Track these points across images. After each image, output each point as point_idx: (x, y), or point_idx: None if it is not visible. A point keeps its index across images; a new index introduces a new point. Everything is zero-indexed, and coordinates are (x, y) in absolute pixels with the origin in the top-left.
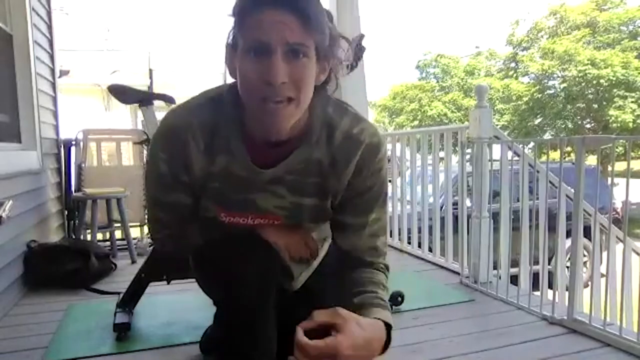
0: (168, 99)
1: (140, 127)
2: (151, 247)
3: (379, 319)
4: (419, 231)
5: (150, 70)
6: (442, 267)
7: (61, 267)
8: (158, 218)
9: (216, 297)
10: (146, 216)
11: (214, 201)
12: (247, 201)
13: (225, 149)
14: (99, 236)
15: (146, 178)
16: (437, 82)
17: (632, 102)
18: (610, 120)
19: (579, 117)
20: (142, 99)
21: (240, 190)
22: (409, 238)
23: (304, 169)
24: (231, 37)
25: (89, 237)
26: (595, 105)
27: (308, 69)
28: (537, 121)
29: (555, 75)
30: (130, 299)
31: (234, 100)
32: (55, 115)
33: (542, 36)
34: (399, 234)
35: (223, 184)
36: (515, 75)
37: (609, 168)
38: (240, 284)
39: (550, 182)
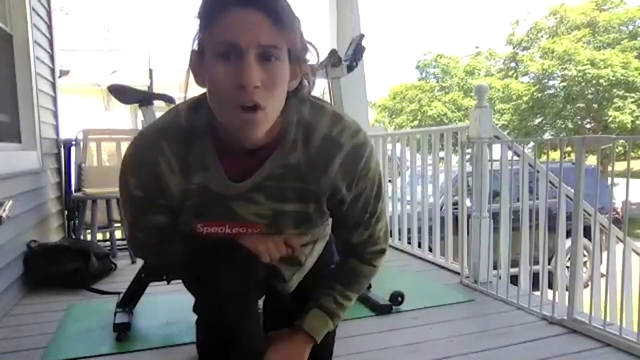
0: (168, 99)
1: (140, 127)
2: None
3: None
4: (419, 231)
5: (150, 70)
6: (442, 267)
7: (61, 267)
8: (137, 238)
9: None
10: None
11: (192, 215)
12: (226, 210)
13: (201, 166)
14: (99, 236)
15: (121, 201)
16: (437, 82)
17: (631, 102)
18: (609, 120)
19: (579, 117)
20: (142, 99)
21: (219, 202)
22: (409, 238)
23: (282, 175)
24: (196, 43)
25: (89, 237)
26: (595, 105)
27: (281, 72)
28: (537, 121)
29: (555, 75)
30: (130, 299)
31: (204, 112)
32: (55, 115)
33: (542, 36)
34: (399, 234)
35: (201, 199)
36: (515, 75)
37: (609, 168)
38: (216, 296)
39: (550, 182)
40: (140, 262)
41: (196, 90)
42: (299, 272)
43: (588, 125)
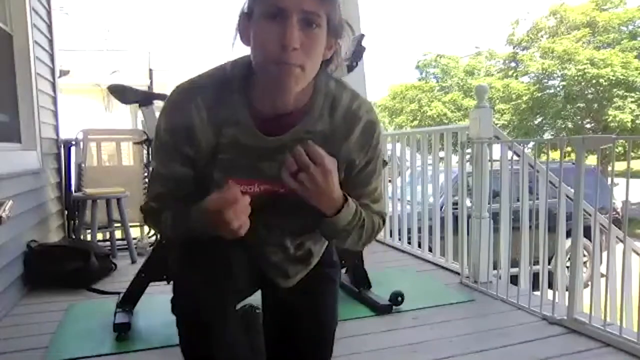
0: None
1: (140, 127)
2: (151, 247)
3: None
4: (419, 231)
5: (150, 70)
6: (442, 267)
7: (61, 267)
8: (157, 193)
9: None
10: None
11: (224, 173)
12: (255, 169)
13: (232, 120)
14: (99, 236)
15: (152, 146)
16: (437, 82)
17: (631, 102)
18: (609, 120)
19: (579, 117)
20: (142, 99)
21: (249, 159)
22: (409, 238)
23: (307, 139)
24: (246, 5)
25: (89, 237)
26: (595, 105)
27: (319, 39)
28: (537, 121)
29: (555, 75)
30: (130, 299)
31: (241, 72)
32: (55, 115)
33: (542, 36)
34: (399, 234)
35: (232, 154)
36: (515, 75)
37: (609, 168)
38: (191, 298)
39: (550, 182)
40: (140, 262)
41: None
42: (303, 270)
43: (588, 125)
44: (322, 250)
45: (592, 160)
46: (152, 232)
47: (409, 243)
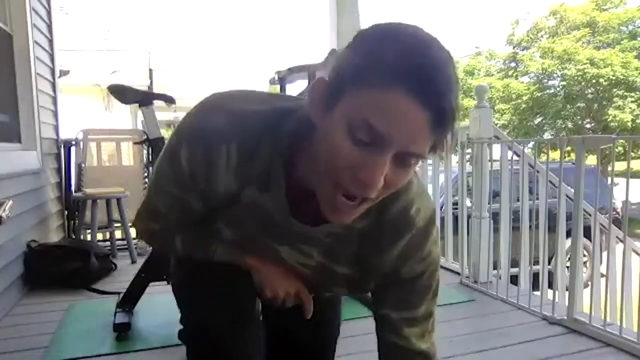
0: (168, 99)
1: (140, 127)
2: (151, 247)
3: None
4: None
5: (150, 70)
6: (442, 267)
7: (61, 267)
8: (155, 209)
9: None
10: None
11: (231, 230)
12: (270, 249)
13: (261, 181)
14: (99, 236)
15: (159, 162)
16: None
17: (631, 102)
18: (609, 119)
19: (579, 117)
20: (142, 99)
21: (266, 233)
22: None
23: (343, 235)
24: (336, 77)
25: (89, 237)
26: (595, 105)
27: (410, 174)
28: (537, 121)
29: (555, 75)
30: (130, 299)
31: (294, 129)
32: (55, 115)
33: (542, 36)
34: None
35: (247, 218)
36: (515, 74)
37: (609, 168)
38: (203, 333)
39: (550, 182)
40: (140, 262)
41: (195, 91)
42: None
43: (588, 125)
44: None
45: (592, 160)
46: None
47: None
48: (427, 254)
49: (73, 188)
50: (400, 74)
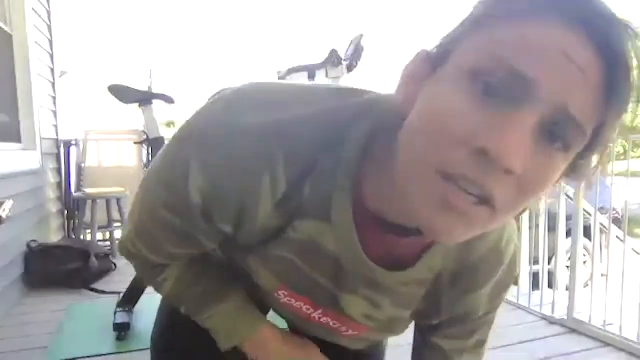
0: (168, 99)
1: (140, 127)
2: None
3: None
4: None
5: (150, 70)
6: None
7: (61, 267)
8: (151, 235)
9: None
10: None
11: (276, 277)
12: (328, 297)
13: (318, 212)
14: (99, 236)
15: (153, 186)
16: None
17: (631, 101)
18: None
19: None
20: (142, 99)
21: (323, 279)
22: None
23: (425, 281)
24: (439, 42)
25: (89, 237)
26: None
27: (557, 171)
28: None
29: None
30: (130, 299)
31: (361, 136)
32: (55, 115)
33: None
34: None
35: (300, 260)
36: None
37: (609, 168)
38: None
39: None
40: None
41: (195, 91)
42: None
43: None
44: None
45: None
46: None
47: None
48: (505, 288)
49: (73, 188)
50: (556, 5)
